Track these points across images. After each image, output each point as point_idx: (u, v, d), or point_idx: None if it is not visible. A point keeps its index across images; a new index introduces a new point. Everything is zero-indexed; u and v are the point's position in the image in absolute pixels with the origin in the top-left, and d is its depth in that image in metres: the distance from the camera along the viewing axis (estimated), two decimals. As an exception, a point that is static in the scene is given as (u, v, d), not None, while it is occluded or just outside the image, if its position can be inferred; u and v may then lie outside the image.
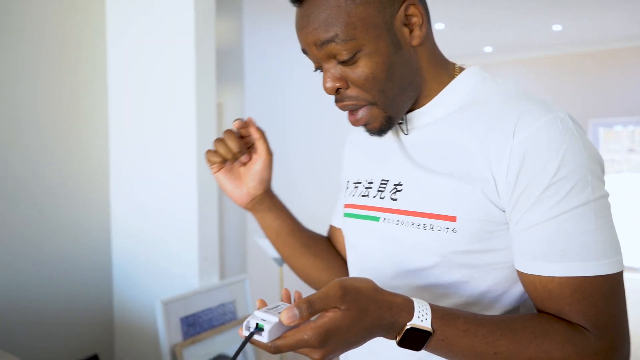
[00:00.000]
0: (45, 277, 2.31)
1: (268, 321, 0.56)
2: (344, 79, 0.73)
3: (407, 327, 0.60)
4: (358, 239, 0.83)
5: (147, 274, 2.47)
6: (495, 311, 0.73)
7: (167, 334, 2.07)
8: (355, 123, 0.76)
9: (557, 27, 5.73)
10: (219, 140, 0.84)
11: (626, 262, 4.86)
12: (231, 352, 2.28)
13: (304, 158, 4.63)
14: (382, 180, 0.80)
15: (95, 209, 2.52)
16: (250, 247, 4.05)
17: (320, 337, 0.55)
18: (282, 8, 4.24)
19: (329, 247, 1.00)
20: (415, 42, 0.73)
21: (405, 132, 0.80)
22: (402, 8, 0.71)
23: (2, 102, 2.14)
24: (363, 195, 0.83)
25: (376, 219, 0.78)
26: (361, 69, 0.70)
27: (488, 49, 6.92)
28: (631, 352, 0.65)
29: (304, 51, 0.75)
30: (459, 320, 0.62)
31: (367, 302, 0.58)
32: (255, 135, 0.86)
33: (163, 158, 2.38)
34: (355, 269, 0.86)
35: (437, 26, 5.51)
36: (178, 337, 2.11)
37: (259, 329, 0.56)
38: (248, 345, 2.35)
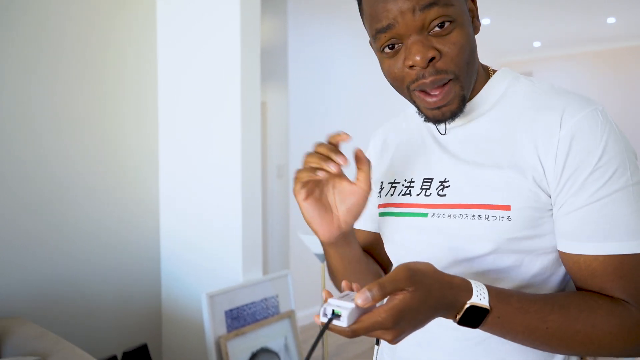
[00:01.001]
0: (100, 273, 2.42)
1: (344, 307, 0.60)
2: (436, 49, 0.71)
3: (467, 305, 0.64)
4: (403, 235, 0.84)
5: (193, 269, 2.55)
6: (543, 292, 0.76)
7: (212, 326, 2.12)
8: (436, 102, 0.74)
9: (611, 20, 5.50)
10: (310, 154, 0.76)
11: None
12: (274, 347, 2.32)
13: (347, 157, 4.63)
14: (425, 178, 0.83)
15: (146, 199, 2.61)
16: (293, 244, 4.09)
17: (393, 318, 0.59)
18: (326, 7, 4.26)
19: (373, 260, 0.98)
20: (476, 31, 0.78)
21: (442, 132, 0.83)
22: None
23: (51, 108, 2.25)
24: (403, 194, 0.85)
25: (424, 215, 0.81)
26: (455, 38, 0.71)
27: (537, 44, 6.71)
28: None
29: (388, 26, 0.72)
30: (512, 298, 0.67)
31: (431, 283, 0.63)
32: (363, 159, 0.79)
33: (209, 155, 2.45)
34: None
35: (483, 21, 5.39)
36: (222, 329, 2.17)
37: (335, 315, 0.60)
38: (288, 342, 2.39)
